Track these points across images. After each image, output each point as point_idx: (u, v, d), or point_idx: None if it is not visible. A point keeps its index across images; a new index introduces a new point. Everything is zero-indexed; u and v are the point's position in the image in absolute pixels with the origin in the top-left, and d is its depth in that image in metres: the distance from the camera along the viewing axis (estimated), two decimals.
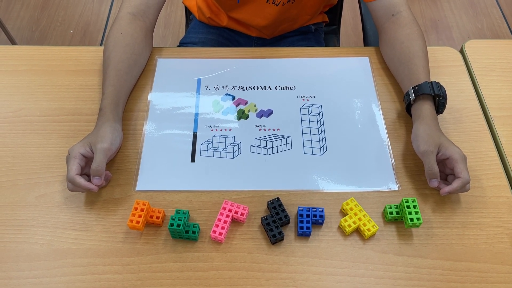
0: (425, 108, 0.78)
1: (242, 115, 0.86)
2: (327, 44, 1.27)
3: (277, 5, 1.00)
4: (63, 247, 0.69)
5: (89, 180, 0.72)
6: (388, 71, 0.92)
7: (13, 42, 1.93)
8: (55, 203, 0.74)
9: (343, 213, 0.73)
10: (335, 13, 1.27)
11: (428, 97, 0.79)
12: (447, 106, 0.80)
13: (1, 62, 0.93)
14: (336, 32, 1.32)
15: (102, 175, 0.71)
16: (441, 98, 0.79)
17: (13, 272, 0.67)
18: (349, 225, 0.70)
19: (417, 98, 0.79)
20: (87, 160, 0.73)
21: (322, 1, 1.08)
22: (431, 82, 0.79)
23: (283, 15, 1.04)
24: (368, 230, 0.70)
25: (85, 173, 0.74)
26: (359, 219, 0.71)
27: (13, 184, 0.76)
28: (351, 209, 0.72)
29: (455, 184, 0.71)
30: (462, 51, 0.97)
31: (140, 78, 0.90)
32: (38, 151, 0.80)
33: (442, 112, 0.81)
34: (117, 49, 0.84)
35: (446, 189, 0.72)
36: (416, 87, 0.80)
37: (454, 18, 2.21)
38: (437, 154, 0.74)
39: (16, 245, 0.70)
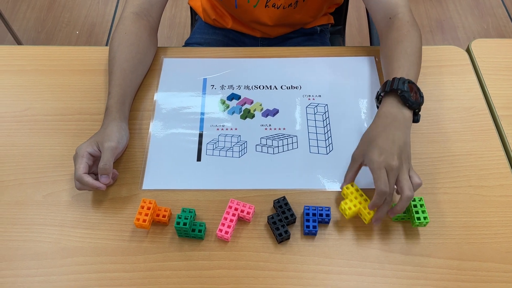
0: (381, 105, 0.74)
1: (248, 114, 0.86)
2: (332, 44, 1.26)
3: (277, 8, 1.00)
4: (70, 245, 0.70)
5: (97, 179, 0.72)
6: None
7: (19, 43, 1.94)
8: (62, 202, 0.74)
9: (344, 199, 0.72)
10: (340, 13, 1.27)
11: (387, 94, 0.74)
12: (453, 105, 0.80)
13: (8, 62, 0.94)
14: (341, 32, 1.32)
15: (109, 174, 0.71)
16: (399, 92, 0.72)
17: (20, 270, 0.67)
18: (350, 208, 0.69)
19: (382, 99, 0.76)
20: (95, 159, 0.73)
21: (325, 4, 1.08)
22: (393, 78, 0.74)
23: (285, 18, 1.04)
24: (369, 213, 0.69)
25: (93, 172, 0.74)
26: (360, 203, 0.70)
27: (21, 183, 0.76)
28: (352, 193, 0.71)
29: (375, 197, 0.66)
30: (468, 51, 0.96)
31: (146, 78, 0.90)
32: (45, 150, 0.80)
33: (412, 105, 0.72)
34: (122, 49, 0.84)
35: (379, 210, 0.68)
36: (377, 92, 0.77)
37: (460, 19, 2.21)
38: (362, 164, 0.71)
39: (23, 243, 0.70)
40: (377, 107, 0.77)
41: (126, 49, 0.84)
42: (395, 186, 0.67)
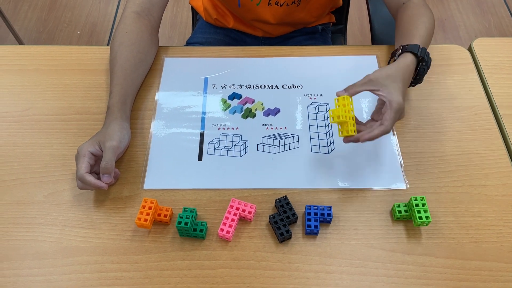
0: (405, 57, 0.76)
1: (249, 113, 0.85)
2: (334, 43, 1.26)
3: (281, 6, 1.00)
4: (72, 245, 0.70)
5: (99, 178, 0.72)
6: None
7: (20, 43, 1.94)
8: (64, 201, 0.74)
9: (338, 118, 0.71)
10: (341, 12, 1.27)
11: (410, 54, 0.77)
12: (455, 104, 0.80)
13: (9, 61, 0.94)
14: (343, 31, 1.31)
15: (111, 173, 0.71)
16: (423, 64, 0.78)
17: (21, 269, 0.67)
18: (339, 117, 0.69)
19: (401, 54, 0.78)
20: (96, 158, 0.73)
21: (328, 4, 1.08)
22: (423, 47, 0.78)
23: (288, 16, 1.03)
24: (350, 131, 0.70)
25: (94, 171, 0.74)
26: (348, 117, 0.70)
27: (22, 183, 0.76)
28: (347, 104, 0.71)
29: (376, 130, 0.69)
30: (470, 49, 0.96)
31: (147, 77, 0.90)
32: (46, 149, 0.80)
33: (418, 80, 0.80)
34: (123, 48, 0.84)
35: (366, 135, 0.70)
36: (406, 45, 0.78)
37: (461, 17, 2.20)
38: (376, 90, 0.72)
39: (25, 243, 0.70)
40: (391, 61, 0.82)
41: (127, 48, 0.84)
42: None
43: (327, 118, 0.85)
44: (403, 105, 0.71)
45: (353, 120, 0.71)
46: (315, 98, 0.88)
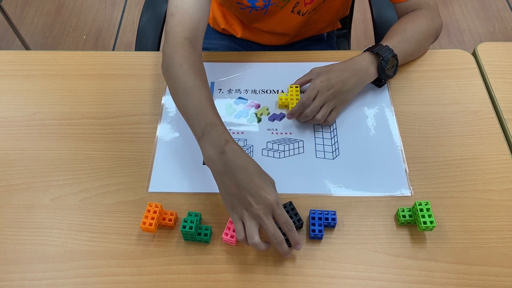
0: (360, 56, 0.84)
1: (254, 118, 0.86)
2: (338, 48, 1.26)
3: (302, 15, 1.00)
4: (77, 248, 0.70)
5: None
6: (401, 73, 0.91)
7: (27, 48, 1.96)
8: (69, 205, 0.75)
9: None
10: (345, 17, 1.27)
11: (369, 51, 0.84)
12: (460, 109, 0.80)
13: (16, 67, 0.95)
14: (347, 36, 1.32)
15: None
16: (381, 59, 0.82)
17: (27, 273, 0.68)
18: (286, 99, 0.85)
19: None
20: None
21: (340, 10, 1.08)
22: (386, 45, 0.83)
23: (304, 23, 1.03)
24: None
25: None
26: (291, 99, 0.84)
27: (28, 187, 0.77)
28: (293, 92, 0.85)
29: (295, 106, 0.80)
30: (474, 54, 0.96)
31: (153, 82, 0.91)
32: (53, 154, 0.81)
33: (381, 74, 0.84)
34: (199, 77, 0.76)
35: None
36: (369, 47, 0.85)
37: (466, 22, 2.20)
38: (312, 79, 0.83)
39: (30, 247, 0.71)
40: None
41: (202, 77, 0.77)
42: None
43: (332, 123, 0.85)
44: (318, 82, 0.80)
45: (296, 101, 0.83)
46: None
